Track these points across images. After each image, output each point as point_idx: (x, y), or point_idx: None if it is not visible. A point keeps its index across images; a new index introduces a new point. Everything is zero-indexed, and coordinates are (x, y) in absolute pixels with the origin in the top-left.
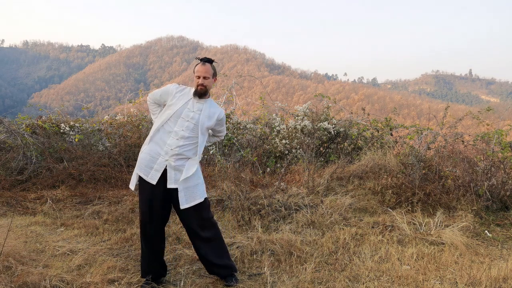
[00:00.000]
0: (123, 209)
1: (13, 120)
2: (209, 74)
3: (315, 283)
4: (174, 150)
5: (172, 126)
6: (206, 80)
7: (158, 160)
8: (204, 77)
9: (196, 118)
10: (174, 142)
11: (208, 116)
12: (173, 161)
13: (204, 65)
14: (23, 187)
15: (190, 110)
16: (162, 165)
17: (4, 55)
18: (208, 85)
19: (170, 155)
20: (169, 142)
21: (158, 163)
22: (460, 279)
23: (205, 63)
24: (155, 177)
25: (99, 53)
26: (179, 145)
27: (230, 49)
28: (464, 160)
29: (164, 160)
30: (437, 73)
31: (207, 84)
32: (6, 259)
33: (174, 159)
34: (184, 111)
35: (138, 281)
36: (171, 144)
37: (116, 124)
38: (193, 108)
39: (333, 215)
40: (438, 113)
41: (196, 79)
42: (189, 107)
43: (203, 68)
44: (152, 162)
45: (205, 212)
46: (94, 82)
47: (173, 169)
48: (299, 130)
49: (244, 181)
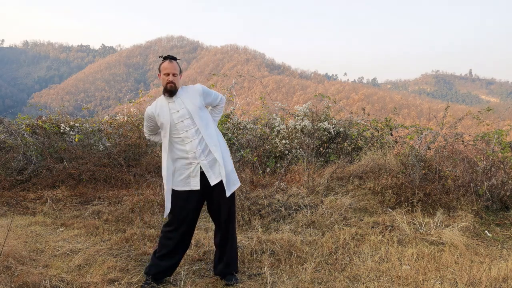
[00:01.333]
0: (123, 209)
1: (13, 120)
2: (177, 71)
3: (315, 283)
4: (198, 150)
5: (177, 134)
6: (175, 77)
7: (191, 168)
8: (173, 74)
9: (186, 112)
10: (191, 144)
11: (191, 99)
12: (204, 158)
13: (171, 63)
14: (23, 187)
15: (176, 113)
16: (197, 169)
17: (4, 55)
18: (176, 82)
19: (197, 157)
20: (188, 148)
21: (193, 170)
22: (460, 279)
23: (172, 61)
24: (197, 183)
25: (99, 53)
26: (197, 143)
27: (230, 49)
28: (464, 160)
29: (196, 164)
30: (437, 73)
31: (176, 81)
32: (6, 259)
33: (203, 157)
34: (173, 117)
35: (138, 281)
36: (192, 148)
37: (116, 124)
38: (176, 108)
39: (333, 215)
40: (438, 113)
41: (164, 77)
42: (173, 112)
43: (171, 65)
44: (187, 174)
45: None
46: (94, 82)
47: (209, 166)
48: (299, 130)
49: (244, 181)
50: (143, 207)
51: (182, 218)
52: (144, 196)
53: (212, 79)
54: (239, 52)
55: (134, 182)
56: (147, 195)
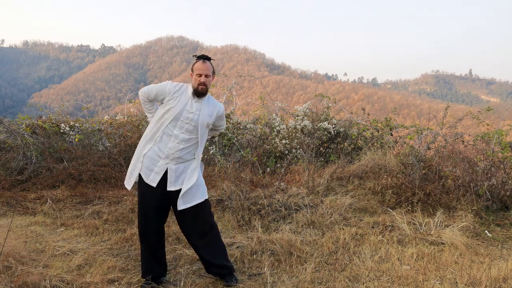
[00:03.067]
0: (123, 209)
1: (13, 120)
2: (210, 72)
3: (315, 283)
4: (175, 154)
5: (172, 129)
6: (207, 78)
7: (159, 163)
8: (206, 75)
9: (196, 119)
10: (174, 145)
11: (208, 114)
12: (174, 164)
13: (205, 63)
14: (23, 187)
15: (189, 112)
16: (162, 168)
17: (4, 55)
18: (208, 84)
19: (170, 158)
20: (170, 145)
21: (159, 165)
22: (460, 279)
23: (205, 61)
24: (155, 180)
25: (99, 53)
26: (180, 148)
27: (230, 49)
28: (464, 160)
29: (164, 163)
30: (437, 73)
31: (208, 83)
32: (6, 259)
33: (174, 162)
34: (183, 113)
35: (138, 281)
36: (172, 148)
37: (116, 124)
38: (192, 108)
39: (333, 215)
40: (438, 113)
41: (197, 78)
42: (188, 108)
43: (204, 66)
44: (152, 165)
45: (205, 213)
46: (94, 82)
47: (174, 172)
48: (299, 130)
49: (244, 181)
50: None
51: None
52: None
53: None
54: (239, 52)
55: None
56: None
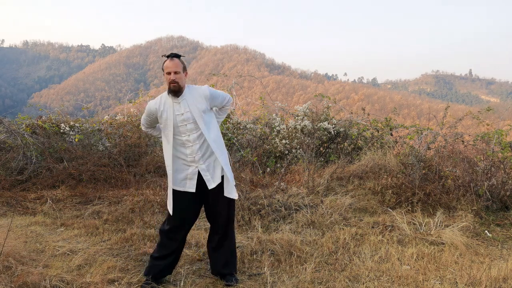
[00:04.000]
0: (123, 209)
1: (13, 120)
2: (180, 69)
3: (315, 283)
4: (198, 155)
5: (178, 137)
6: (177, 75)
7: (189, 170)
8: (175, 72)
9: (190, 116)
10: (192, 148)
11: (197, 104)
12: (203, 163)
13: (173, 60)
14: (23, 187)
15: (180, 115)
16: (194, 172)
17: (4, 55)
18: (180, 80)
19: (196, 161)
20: (188, 152)
21: (190, 172)
22: (460, 279)
23: (173, 58)
24: (193, 185)
25: (99, 53)
26: (198, 147)
27: (230, 49)
28: (464, 160)
29: (194, 168)
30: (437, 73)
31: (179, 79)
32: (6, 259)
33: (202, 161)
34: (176, 119)
35: (138, 281)
36: (192, 152)
37: (116, 124)
38: (180, 110)
39: (333, 215)
40: (438, 113)
41: (166, 76)
42: (177, 113)
43: (172, 63)
44: (184, 175)
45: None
46: (94, 82)
47: (207, 170)
48: (299, 130)
49: (244, 181)
50: (143, 207)
51: (181, 218)
52: (144, 196)
53: (212, 79)
54: (239, 52)
55: (134, 182)
56: (147, 195)
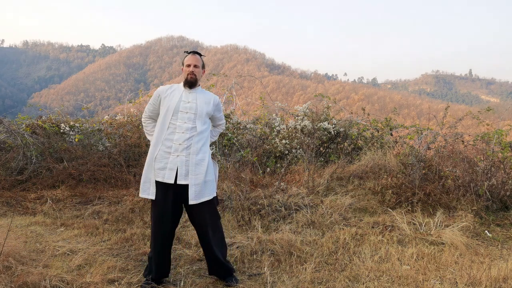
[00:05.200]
0: (123, 209)
1: (13, 120)
2: (199, 64)
3: (315, 283)
4: (183, 145)
5: (174, 122)
6: (196, 68)
7: (170, 158)
8: (194, 65)
9: (194, 107)
10: (180, 136)
11: (205, 102)
12: (184, 156)
13: (194, 55)
14: (23, 187)
15: (185, 102)
16: (174, 163)
17: (4, 55)
18: (197, 74)
19: (180, 150)
20: (176, 137)
21: (170, 161)
22: (460, 279)
23: (195, 54)
24: (171, 176)
25: (99, 53)
26: (186, 138)
27: (230, 49)
28: (464, 160)
29: (175, 157)
30: (437, 73)
31: (197, 73)
32: (6, 259)
33: (184, 153)
34: (180, 104)
35: (138, 281)
36: (179, 139)
37: (116, 124)
38: (188, 99)
39: (333, 215)
40: (438, 113)
41: (186, 68)
42: (183, 99)
43: (193, 57)
44: (164, 164)
45: (212, 211)
46: (94, 82)
47: (184, 165)
48: (299, 130)
49: (244, 181)
50: (143, 207)
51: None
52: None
53: (212, 79)
54: (239, 52)
55: (134, 182)
56: None
